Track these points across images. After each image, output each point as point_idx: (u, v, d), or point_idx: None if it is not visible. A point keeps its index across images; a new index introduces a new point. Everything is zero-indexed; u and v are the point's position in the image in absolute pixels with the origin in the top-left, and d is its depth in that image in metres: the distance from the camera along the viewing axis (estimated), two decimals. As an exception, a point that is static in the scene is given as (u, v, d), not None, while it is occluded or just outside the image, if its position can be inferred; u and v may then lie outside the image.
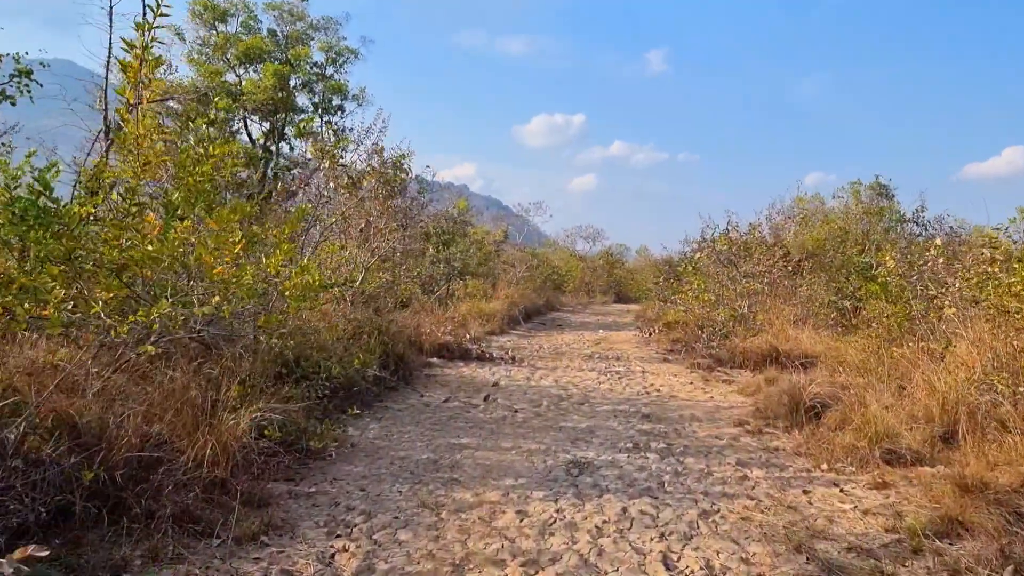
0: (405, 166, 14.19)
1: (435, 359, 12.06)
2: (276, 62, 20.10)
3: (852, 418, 7.31)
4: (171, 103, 17.72)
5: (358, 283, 12.83)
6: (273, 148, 20.06)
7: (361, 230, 13.85)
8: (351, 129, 16.81)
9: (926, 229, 18.09)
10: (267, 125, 20.28)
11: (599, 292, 37.37)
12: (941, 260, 13.13)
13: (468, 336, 15.02)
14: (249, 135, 21.18)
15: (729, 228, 16.65)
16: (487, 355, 13.02)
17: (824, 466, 6.54)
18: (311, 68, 21.09)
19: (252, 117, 20.24)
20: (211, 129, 17.58)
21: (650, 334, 17.54)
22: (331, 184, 14.12)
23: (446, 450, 6.82)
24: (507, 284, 21.72)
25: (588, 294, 36.73)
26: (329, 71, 21.66)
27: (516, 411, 8.66)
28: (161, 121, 15.15)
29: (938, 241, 12.77)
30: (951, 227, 18.24)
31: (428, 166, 24.86)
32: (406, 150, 14.44)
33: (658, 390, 10.78)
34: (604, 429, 7.95)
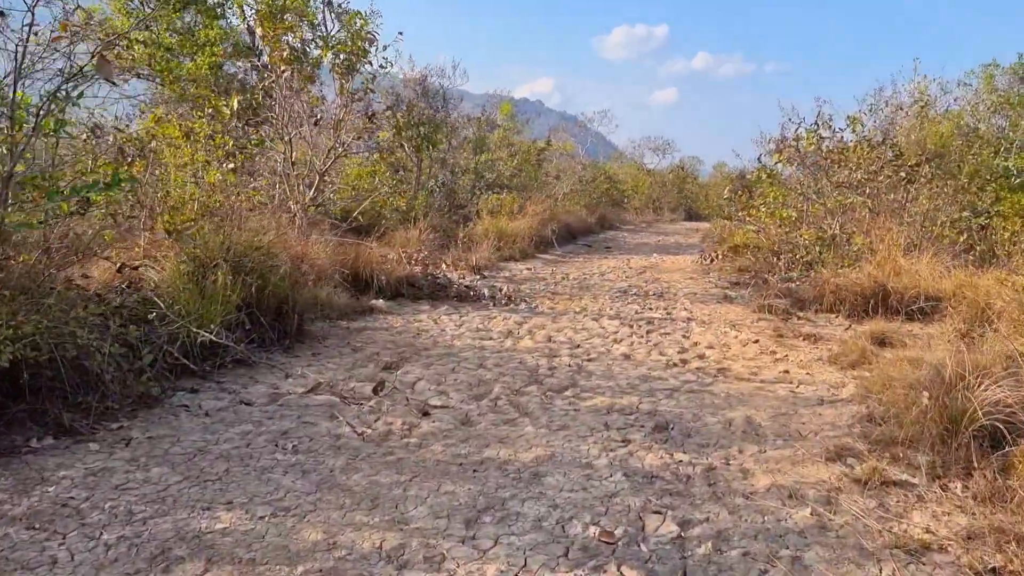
0: (369, 34, 9.98)
1: (381, 301, 8.08)
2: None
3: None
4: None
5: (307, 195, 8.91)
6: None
7: (316, 122, 9.82)
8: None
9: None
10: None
11: (667, 209, 32.62)
12: None
13: (470, 263, 11.01)
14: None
15: (819, 123, 11.94)
16: (473, 293, 8.99)
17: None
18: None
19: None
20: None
21: (711, 261, 13.16)
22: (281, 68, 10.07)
23: (152, 558, 2.91)
24: (544, 199, 17.47)
25: (655, 211, 32.07)
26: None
27: (427, 414, 4.66)
28: None
29: None
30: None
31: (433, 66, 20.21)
32: (369, 16, 10.15)
33: (702, 356, 6.60)
34: (564, 470, 3.90)
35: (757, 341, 7.22)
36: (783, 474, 3.90)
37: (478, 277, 10.60)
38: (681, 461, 4.05)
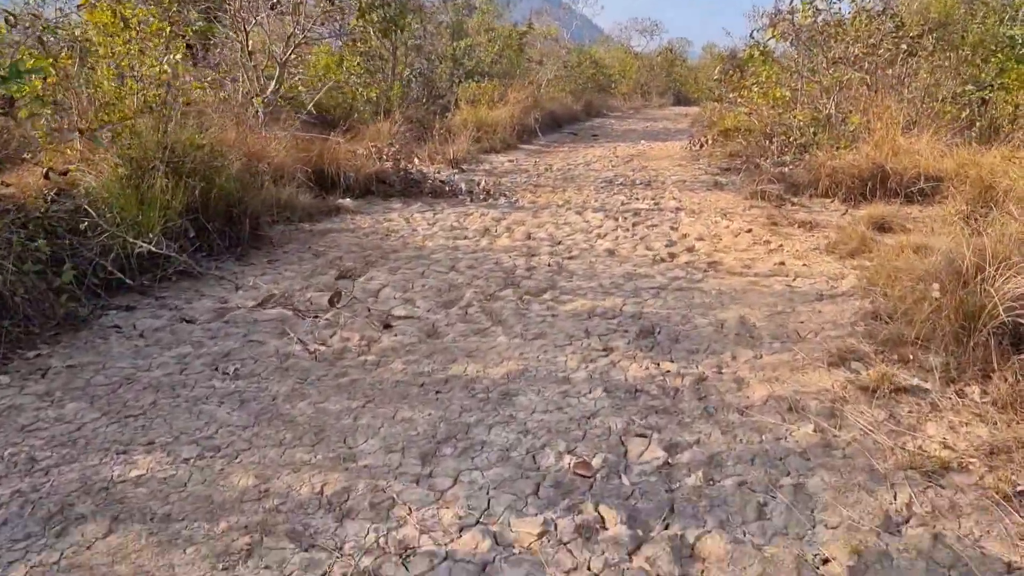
0: None
1: (348, 200, 7.50)
2: None
3: None
4: None
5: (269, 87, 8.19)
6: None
7: (273, 6, 8.97)
8: None
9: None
10: None
11: (656, 94, 31.47)
12: None
13: (447, 156, 10.36)
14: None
15: (815, -7, 11.03)
16: (449, 188, 8.40)
17: None
18: None
19: None
20: None
21: (700, 146, 12.50)
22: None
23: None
24: (527, 87, 16.56)
25: (643, 96, 30.92)
26: None
27: (389, 326, 4.19)
28: None
29: None
30: None
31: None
32: None
33: (691, 249, 6.12)
34: (538, 387, 3.47)
35: (750, 231, 6.74)
36: (782, 383, 3.48)
37: (455, 171, 9.97)
38: (668, 371, 3.62)
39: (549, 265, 5.58)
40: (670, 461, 2.80)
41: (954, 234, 6.11)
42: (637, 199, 8.42)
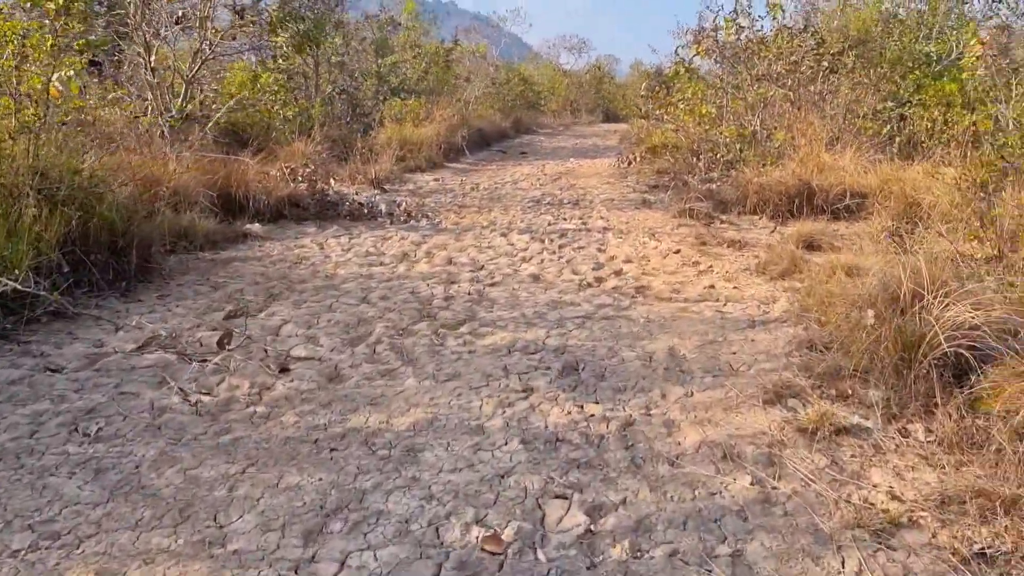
0: None
1: (257, 226, 7.01)
2: None
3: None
4: None
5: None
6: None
7: (178, 21, 8.41)
8: None
9: (1004, 4, 12.38)
10: None
11: (585, 111, 31.51)
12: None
13: (369, 176, 9.92)
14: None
15: (738, 11, 11.01)
16: (368, 210, 7.96)
17: None
18: None
19: None
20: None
21: (628, 163, 12.34)
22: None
23: None
24: (454, 104, 16.23)
25: (573, 113, 30.93)
26: None
27: (285, 370, 3.75)
28: None
29: None
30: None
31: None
32: None
33: (619, 273, 5.83)
34: (447, 440, 3.09)
35: (679, 251, 6.49)
36: (715, 425, 3.17)
37: (377, 192, 9.54)
38: (593, 415, 3.28)
39: (469, 293, 5.20)
40: (593, 528, 2.44)
41: (884, 254, 5.99)
42: (564, 219, 8.13)
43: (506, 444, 3.01)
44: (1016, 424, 2.77)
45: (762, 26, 10.89)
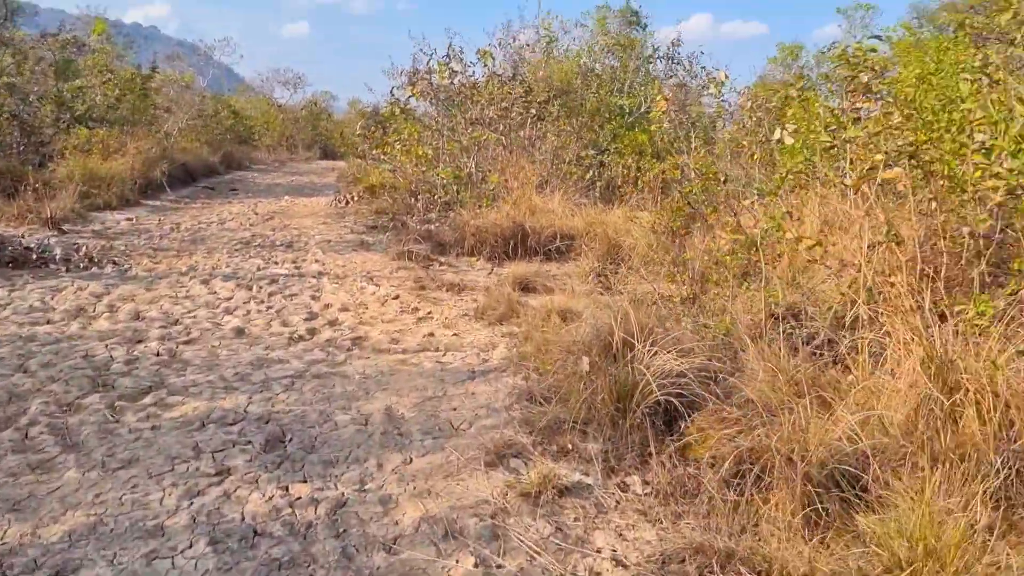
0: None
1: None
2: None
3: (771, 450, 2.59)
4: None
5: None
6: None
7: None
8: None
9: (681, 67, 13.92)
10: None
11: (302, 147, 30.58)
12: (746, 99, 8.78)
13: (44, 215, 8.55)
14: None
15: (451, 56, 11.17)
16: (37, 255, 6.79)
17: None
18: None
19: None
20: None
21: (346, 203, 11.97)
22: None
23: None
24: (153, 135, 14.81)
25: (289, 149, 29.84)
26: None
27: None
28: None
29: (723, 75, 8.13)
30: (706, 68, 14.23)
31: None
32: None
33: (334, 323, 5.43)
34: (112, 552, 2.51)
35: (397, 297, 6.24)
36: (436, 497, 2.90)
37: (53, 233, 8.25)
38: (299, 498, 2.86)
39: (158, 354, 4.51)
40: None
41: (592, 295, 6.20)
42: (276, 263, 7.55)
43: (190, 547, 2.50)
44: (724, 472, 2.81)
45: (474, 72, 11.15)
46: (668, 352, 3.41)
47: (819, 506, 2.56)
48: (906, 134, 4.27)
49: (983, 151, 4.04)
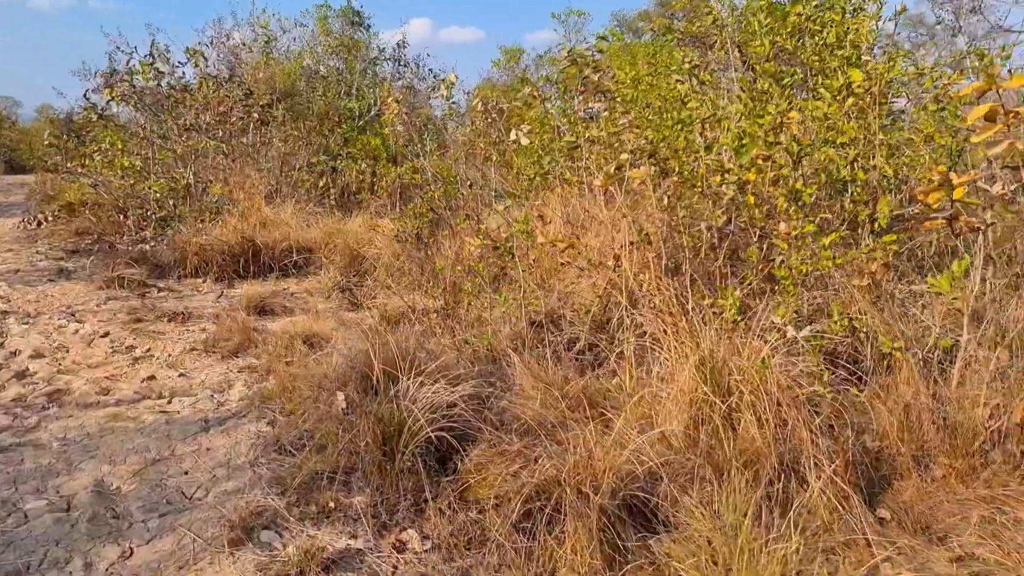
0: None
1: None
2: None
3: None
4: None
5: None
6: None
7: None
8: None
9: (408, 69, 13.73)
10: None
11: (-19, 160, 26.37)
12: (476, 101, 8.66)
13: None
14: None
15: (155, 55, 9.94)
16: None
17: None
18: None
19: None
20: None
21: (38, 225, 10.26)
22: None
23: None
24: None
25: (-36, 164, 25.61)
26: None
27: None
28: None
29: (452, 76, 8.02)
30: (433, 70, 14.19)
31: None
32: None
33: (23, 375, 4.42)
34: None
35: (107, 334, 5.29)
36: (166, 601, 2.29)
37: None
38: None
39: None
40: None
41: (339, 314, 5.70)
42: (-57, 304, 6.14)
43: None
44: (512, 515, 2.49)
45: (184, 73, 10.03)
46: (435, 382, 3.04)
47: (617, 541, 2.34)
48: (647, 133, 4.27)
49: (707, 147, 4.15)
